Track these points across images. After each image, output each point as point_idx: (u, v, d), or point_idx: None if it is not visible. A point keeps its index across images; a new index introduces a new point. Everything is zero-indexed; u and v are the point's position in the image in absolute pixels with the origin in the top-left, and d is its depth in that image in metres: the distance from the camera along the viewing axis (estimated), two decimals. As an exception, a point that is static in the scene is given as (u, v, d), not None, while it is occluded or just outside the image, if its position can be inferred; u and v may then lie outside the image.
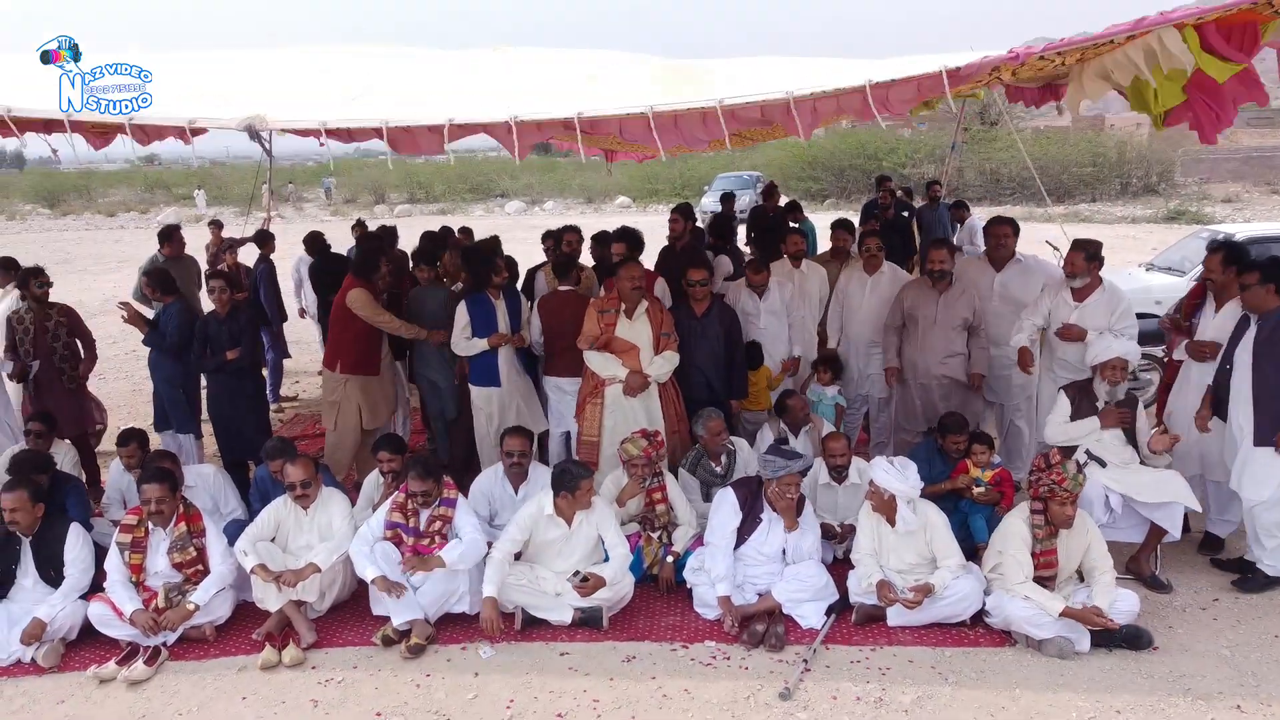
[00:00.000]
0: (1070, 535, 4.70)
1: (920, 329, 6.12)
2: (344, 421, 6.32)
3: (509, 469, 5.54)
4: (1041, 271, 6.39)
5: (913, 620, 4.78)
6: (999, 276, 6.36)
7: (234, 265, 9.38)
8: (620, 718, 4.15)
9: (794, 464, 5.00)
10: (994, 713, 4.08)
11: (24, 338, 6.48)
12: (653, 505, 5.49)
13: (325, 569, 4.94)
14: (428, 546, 4.99)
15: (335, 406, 6.33)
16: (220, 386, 6.45)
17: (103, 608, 4.86)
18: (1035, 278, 6.27)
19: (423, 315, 6.63)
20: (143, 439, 6.03)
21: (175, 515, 5.02)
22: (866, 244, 6.89)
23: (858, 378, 6.89)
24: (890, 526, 4.94)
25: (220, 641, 4.92)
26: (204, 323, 6.44)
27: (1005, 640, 4.66)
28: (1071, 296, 5.85)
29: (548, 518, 5.04)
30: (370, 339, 6.43)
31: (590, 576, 4.92)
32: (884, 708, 4.15)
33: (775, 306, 6.75)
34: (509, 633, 4.87)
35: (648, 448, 5.38)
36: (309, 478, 5.10)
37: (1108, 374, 5.38)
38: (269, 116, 4.46)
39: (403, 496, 5.08)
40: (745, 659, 4.61)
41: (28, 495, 4.92)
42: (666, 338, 5.88)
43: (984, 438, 5.60)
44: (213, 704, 4.36)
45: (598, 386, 5.88)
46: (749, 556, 5.06)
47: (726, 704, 4.22)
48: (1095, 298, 5.81)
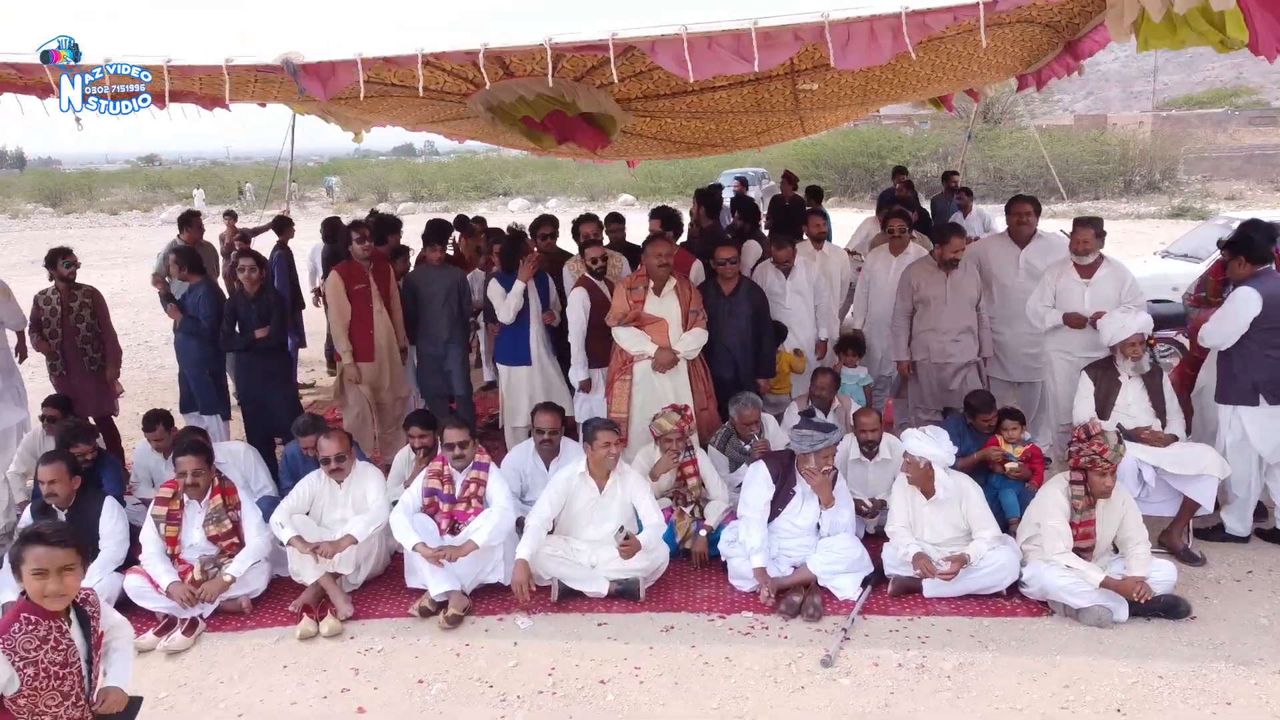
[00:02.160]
0: (1107, 507, 4.70)
1: (932, 309, 6.14)
2: (353, 406, 6.39)
3: (540, 445, 5.55)
4: (1062, 246, 6.40)
5: (949, 591, 4.78)
6: (1023, 254, 6.39)
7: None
8: (663, 685, 4.15)
9: (829, 437, 5.01)
10: (1036, 679, 4.09)
11: (50, 318, 6.48)
12: (684, 480, 5.51)
13: (361, 540, 4.94)
14: (464, 513, 5.01)
15: (339, 396, 6.42)
16: (248, 365, 6.46)
17: (139, 580, 4.86)
18: (1058, 252, 6.28)
19: (422, 295, 6.66)
20: (168, 420, 6.04)
21: (210, 488, 5.03)
22: (891, 224, 6.90)
23: (882, 357, 6.91)
24: (925, 499, 4.96)
25: (256, 614, 4.93)
26: (233, 302, 6.45)
27: (1042, 610, 4.67)
28: (1079, 274, 5.86)
29: (580, 476, 5.06)
30: (360, 324, 6.50)
31: (630, 536, 4.93)
32: (926, 674, 4.16)
33: (801, 286, 6.77)
34: (545, 604, 4.87)
35: (680, 422, 5.39)
36: (343, 451, 5.11)
37: (1128, 350, 5.39)
38: (304, 51, 4.36)
39: (439, 465, 5.10)
40: (784, 629, 4.62)
41: (65, 467, 4.93)
42: (695, 315, 5.89)
43: (1015, 414, 5.62)
44: (253, 673, 4.37)
45: (626, 363, 5.89)
46: (783, 529, 5.07)
47: (769, 671, 4.22)
48: (1103, 273, 5.83)
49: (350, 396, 6.52)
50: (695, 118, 9.85)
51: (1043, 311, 5.83)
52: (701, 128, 10.66)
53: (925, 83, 8.97)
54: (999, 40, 6.97)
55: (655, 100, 8.53)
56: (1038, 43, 6.86)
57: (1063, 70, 7.32)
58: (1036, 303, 5.89)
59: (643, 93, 8.19)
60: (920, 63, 7.62)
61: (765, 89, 8.40)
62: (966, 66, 7.67)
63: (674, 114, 9.41)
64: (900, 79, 8.43)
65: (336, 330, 6.41)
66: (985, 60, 7.51)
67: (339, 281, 6.37)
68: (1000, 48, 7.25)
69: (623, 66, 7.06)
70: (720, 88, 8.22)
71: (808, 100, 8.97)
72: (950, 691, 4.02)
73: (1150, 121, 37.02)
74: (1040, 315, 5.86)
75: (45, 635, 2.61)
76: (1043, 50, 7.03)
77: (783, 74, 7.78)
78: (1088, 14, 5.78)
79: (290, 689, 4.21)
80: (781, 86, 8.27)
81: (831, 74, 7.87)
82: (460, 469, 5.10)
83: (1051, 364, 5.97)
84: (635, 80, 7.66)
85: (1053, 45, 6.74)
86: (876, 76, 8.14)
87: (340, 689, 4.19)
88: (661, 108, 8.98)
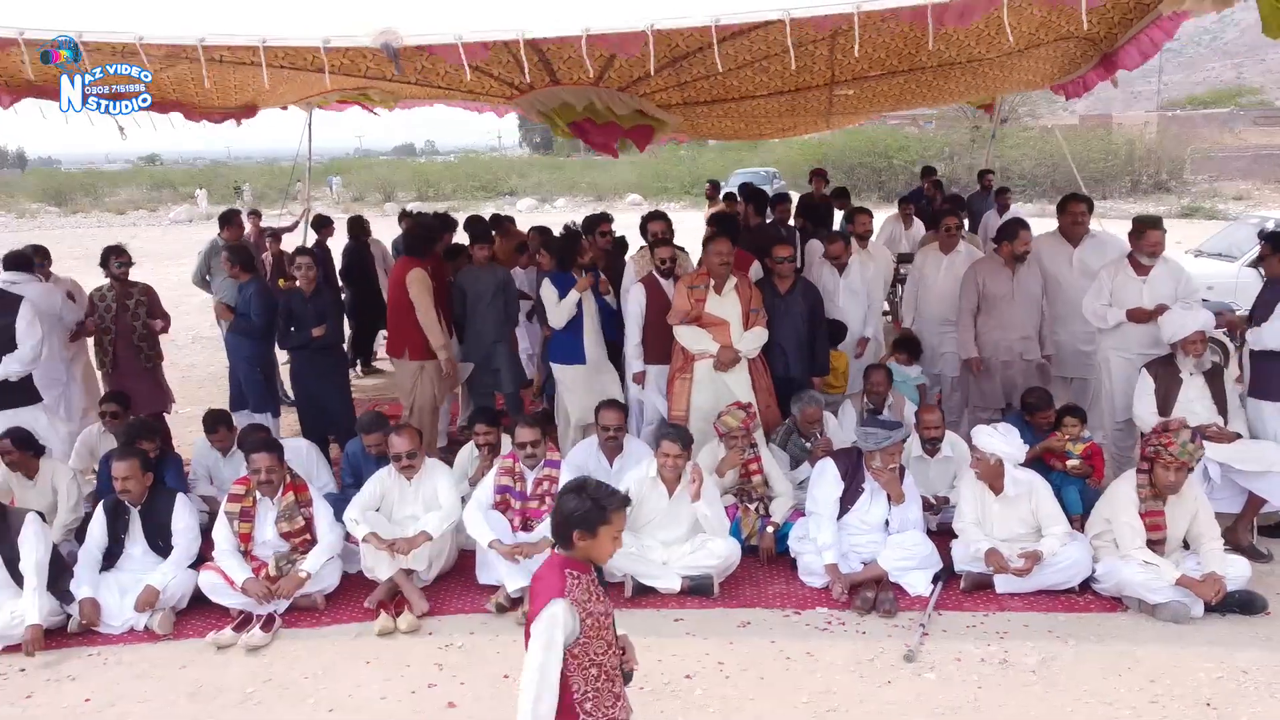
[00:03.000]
0: (1178, 502, 4.73)
1: (999, 306, 6.16)
2: (421, 405, 6.39)
3: (604, 443, 5.57)
4: (1115, 244, 6.44)
5: (1021, 587, 4.81)
6: (1076, 252, 6.41)
7: (278, 254, 9.39)
8: (748, 679, 4.18)
9: (895, 434, 5.04)
10: (1121, 673, 4.12)
11: (105, 315, 6.49)
12: (749, 476, 5.53)
13: (436, 537, 4.96)
14: (536, 510, 5.04)
15: (411, 394, 6.39)
16: (305, 363, 6.48)
17: (214, 576, 4.88)
18: (1111, 251, 6.31)
19: (471, 294, 6.69)
20: (229, 420, 6.08)
21: (283, 485, 5.04)
22: (947, 222, 6.93)
23: (930, 355, 6.93)
24: (994, 495, 4.98)
25: (331, 610, 4.94)
26: (289, 300, 6.46)
27: (1116, 606, 4.71)
28: (1136, 272, 5.88)
29: (650, 480, 5.08)
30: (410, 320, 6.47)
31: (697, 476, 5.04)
32: (1010, 668, 4.19)
33: (856, 285, 6.81)
34: (619, 600, 4.89)
35: (745, 419, 5.42)
36: (414, 448, 5.13)
37: (1190, 348, 5.41)
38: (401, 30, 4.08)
39: (509, 462, 5.12)
40: (860, 624, 4.64)
41: (139, 464, 4.95)
42: (755, 313, 5.91)
43: (1076, 410, 5.64)
44: (336, 668, 4.39)
45: (687, 362, 5.91)
46: (852, 526, 5.10)
47: (852, 665, 4.25)
48: (1159, 270, 5.84)
49: (419, 393, 6.49)
50: (727, 118, 9.93)
51: (1103, 310, 5.84)
52: (732, 126, 10.74)
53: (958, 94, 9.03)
54: (1032, 59, 7.02)
55: (693, 107, 8.59)
56: (1071, 56, 6.88)
57: (1095, 80, 7.35)
58: (1094, 301, 5.90)
59: (683, 100, 8.24)
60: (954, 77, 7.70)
61: (802, 97, 8.47)
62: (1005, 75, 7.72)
63: (709, 117, 9.48)
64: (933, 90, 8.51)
65: (429, 322, 6.34)
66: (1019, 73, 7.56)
67: (426, 278, 6.36)
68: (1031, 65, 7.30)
69: (668, 77, 7.12)
70: (760, 96, 8.29)
71: (841, 104, 9.04)
72: (1038, 686, 4.05)
73: (1156, 121, 37.07)
74: (1100, 314, 5.85)
75: (588, 587, 2.77)
76: (1076, 63, 7.06)
77: (822, 85, 7.84)
78: (1128, 22, 5.78)
79: (376, 684, 4.23)
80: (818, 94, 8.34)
81: (867, 82, 7.94)
82: (532, 467, 5.12)
83: (1108, 362, 5.98)
84: (678, 89, 7.70)
85: (1087, 58, 6.76)
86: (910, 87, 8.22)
87: (426, 684, 4.22)
88: (699, 113, 9.05)
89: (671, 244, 6.33)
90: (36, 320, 5.83)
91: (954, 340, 6.51)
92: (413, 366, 6.45)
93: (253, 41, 4.22)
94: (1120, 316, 5.78)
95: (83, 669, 4.47)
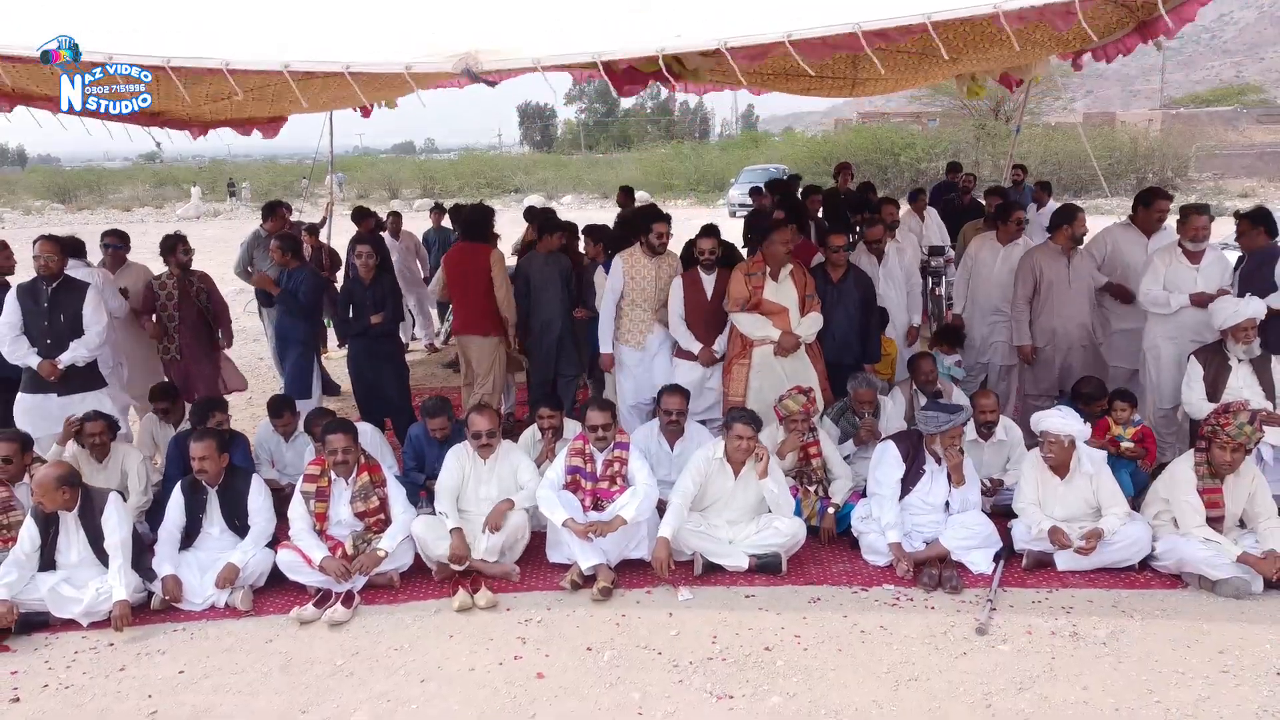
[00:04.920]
0: (1236, 480, 4.85)
1: (1055, 293, 6.28)
2: (497, 384, 6.53)
3: (666, 426, 5.69)
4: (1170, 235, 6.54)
5: (1082, 565, 4.93)
6: (1149, 243, 6.52)
7: (315, 245, 9.48)
8: (827, 651, 4.29)
9: (957, 417, 5.15)
10: (1190, 645, 4.24)
11: (167, 303, 6.58)
12: (808, 459, 5.65)
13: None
14: (607, 490, 5.15)
15: (490, 372, 6.52)
16: (363, 350, 6.59)
17: (292, 555, 4.98)
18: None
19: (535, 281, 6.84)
20: (293, 406, 6.19)
21: (358, 465, 5.15)
22: (1015, 215, 7.03)
23: (980, 344, 7.05)
24: (1059, 478, 5.09)
25: (406, 588, 5.05)
26: (348, 288, 6.57)
27: (1176, 583, 4.82)
28: (1189, 260, 6.00)
29: (718, 462, 5.18)
30: (491, 300, 6.64)
31: None
32: (1080, 641, 4.30)
33: (894, 273, 6.94)
34: (689, 578, 5.01)
35: (806, 403, 5.53)
36: (494, 427, 5.23)
37: (1240, 335, 5.54)
38: (481, 54, 4.17)
39: (579, 444, 5.24)
40: (928, 600, 4.76)
41: (215, 445, 5.05)
42: (811, 299, 6.03)
43: (1127, 395, 5.77)
44: (421, 641, 4.49)
45: (745, 348, 6.03)
46: (914, 506, 5.22)
47: (926, 638, 4.37)
48: (1210, 258, 5.99)
49: (497, 371, 6.65)
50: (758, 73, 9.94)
51: (1164, 296, 5.95)
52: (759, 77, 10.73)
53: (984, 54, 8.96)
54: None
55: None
56: (1107, 20, 6.90)
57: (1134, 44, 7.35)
58: (1153, 286, 6.01)
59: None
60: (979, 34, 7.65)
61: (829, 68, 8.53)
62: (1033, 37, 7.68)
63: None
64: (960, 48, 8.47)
65: (508, 307, 6.65)
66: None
67: (504, 260, 6.62)
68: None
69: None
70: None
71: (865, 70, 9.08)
72: (1111, 657, 4.16)
73: (1159, 119, 37.27)
74: (1161, 300, 5.95)
75: None
76: (1110, 27, 7.09)
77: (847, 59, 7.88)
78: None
79: (463, 656, 4.34)
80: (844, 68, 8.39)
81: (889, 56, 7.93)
82: (601, 449, 5.23)
83: (1157, 348, 6.09)
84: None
85: (1121, 24, 6.78)
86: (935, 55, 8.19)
87: (513, 656, 4.32)
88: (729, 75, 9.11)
89: (715, 236, 6.36)
90: (101, 305, 5.94)
91: (1005, 329, 6.63)
92: (491, 343, 6.64)
93: (336, 68, 4.32)
94: (1184, 301, 5.89)
95: (170, 644, 4.57)
